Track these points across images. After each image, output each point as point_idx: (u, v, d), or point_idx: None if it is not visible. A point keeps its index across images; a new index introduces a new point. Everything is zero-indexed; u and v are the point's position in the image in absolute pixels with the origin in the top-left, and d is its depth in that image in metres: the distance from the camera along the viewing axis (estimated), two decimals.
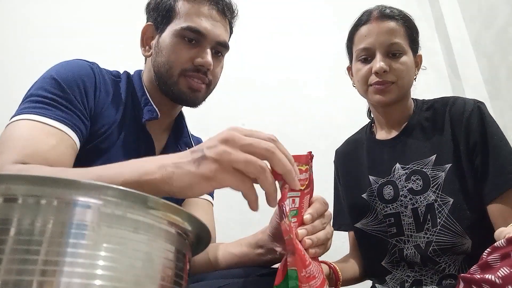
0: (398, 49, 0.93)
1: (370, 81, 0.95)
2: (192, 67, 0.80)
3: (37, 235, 0.25)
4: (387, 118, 1.01)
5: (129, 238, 0.28)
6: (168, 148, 0.87)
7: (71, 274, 0.25)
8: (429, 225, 0.87)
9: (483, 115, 0.88)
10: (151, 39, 0.86)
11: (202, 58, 0.80)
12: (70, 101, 0.69)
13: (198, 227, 0.33)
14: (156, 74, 0.83)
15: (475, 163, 0.86)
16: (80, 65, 0.77)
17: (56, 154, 0.63)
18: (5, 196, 0.26)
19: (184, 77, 0.80)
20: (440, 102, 0.97)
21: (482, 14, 1.95)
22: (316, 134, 1.83)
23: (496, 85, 1.87)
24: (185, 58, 0.80)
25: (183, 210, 0.31)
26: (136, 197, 0.29)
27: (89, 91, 0.74)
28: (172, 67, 0.80)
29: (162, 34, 0.82)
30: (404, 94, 0.96)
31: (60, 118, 0.67)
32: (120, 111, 0.80)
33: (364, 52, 0.96)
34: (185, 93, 0.80)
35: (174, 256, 0.32)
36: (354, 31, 1.01)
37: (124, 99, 0.82)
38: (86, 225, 0.27)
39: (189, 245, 0.35)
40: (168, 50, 0.81)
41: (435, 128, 0.94)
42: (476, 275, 0.51)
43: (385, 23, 0.95)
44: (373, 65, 0.94)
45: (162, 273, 0.30)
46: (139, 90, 0.85)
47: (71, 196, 0.27)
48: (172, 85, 0.80)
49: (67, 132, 0.67)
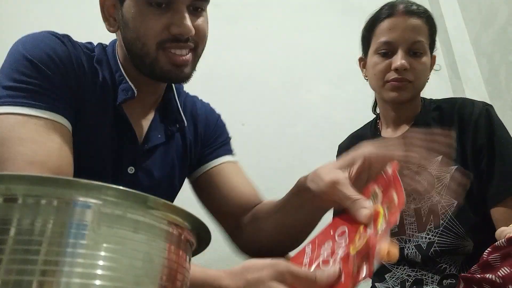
0: (420, 48, 0.92)
1: (388, 77, 0.93)
2: (170, 36, 0.67)
3: (37, 235, 0.25)
4: (395, 116, 1.00)
5: (129, 238, 0.28)
6: (153, 130, 0.79)
7: (71, 274, 0.25)
8: (431, 226, 0.87)
9: (492, 118, 0.88)
10: (113, 9, 0.72)
11: (178, 25, 0.67)
12: (51, 83, 0.64)
13: (198, 227, 0.33)
14: (129, 53, 0.72)
15: (480, 166, 0.85)
16: (52, 41, 0.68)
17: (60, 156, 0.62)
18: (5, 196, 0.26)
19: (163, 51, 0.68)
20: (448, 103, 0.96)
21: (482, 14, 1.95)
22: (316, 135, 1.83)
23: (496, 85, 1.87)
24: (157, 28, 0.67)
25: (183, 210, 0.31)
26: (136, 197, 0.29)
27: (65, 69, 0.67)
28: (145, 43, 0.68)
29: (124, 3, 0.69)
30: (417, 94, 0.96)
31: (49, 106, 0.62)
32: (95, 91, 0.71)
33: (385, 46, 0.93)
34: (169, 71, 0.69)
35: (174, 256, 0.32)
36: (376, 22, 0.97)
37: (100, 78, 0.72)
38: (86, 225, 0.27)
39: (189, 245, 0.35)
40: (135, 23, 0.68)
41: (442, 128, 0.94)
42: (476, 275, 0.51)
43: (412, 19, 0.92)
44: (393, 61, 0.91)
45: (162, 273, 0.30)
46: (113, 65, 0.74)
47: (71, 196, 0.27)
48: (151, 64, 0.69)
49: (60, 121, 0.64)
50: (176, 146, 0.84)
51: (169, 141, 0.82)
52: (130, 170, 0.76)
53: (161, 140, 0.80)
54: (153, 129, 0.79)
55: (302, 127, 1.86)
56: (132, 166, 0.76)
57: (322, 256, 0.50)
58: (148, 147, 0.78)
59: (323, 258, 0.50)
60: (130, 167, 0.76)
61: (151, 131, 0.79)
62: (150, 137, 0.79)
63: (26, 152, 0.59)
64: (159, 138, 0.80)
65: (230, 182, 0.84)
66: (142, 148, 0.77)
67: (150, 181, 0.79)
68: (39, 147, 0.60)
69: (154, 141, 0.79)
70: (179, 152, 0.84)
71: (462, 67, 1.99)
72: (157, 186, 0.80)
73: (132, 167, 0.76)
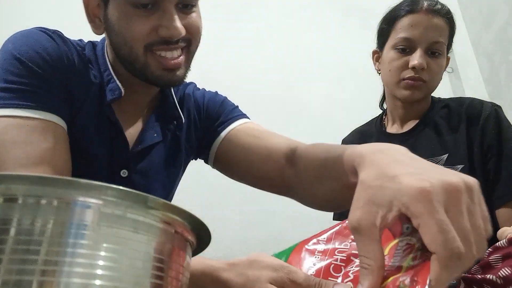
0: (440, 48, 0.91)
1: (403, 75, 0.92)
2: (158, 39, 0.64)
3: (37, 235, 0.25)
4: (404, 112, 0.99)
5: (129, 238, 0.28)
6: (149, 129, 0.77)
7: (71, 274, 0.25)
8: None
9: (501, 119, 0.88)
10: (97, 9, 0.69)
11: (167, 27, 0.63)
12: (42, 82, 0.63)
13: (198, 227, 0.33)
14: (118, 56, 0.70)
15: (487, 166, 0.85)
16: (42, 38, 0.66)
17: (54, 157, 0.61)
18: (5, 196, 0.26)
19: (152, 54, 0.65)
20: (456, 102, 0.96)
21: (482, 14, 1.96)
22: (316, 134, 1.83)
23: (496, 85, 1.87)
24: (144, 31, 0.63)
25: (183, 210, 0.31)
26: (136, 197, 0.29)
27: (56, 67, 0.65)
28: (133, 47, 0.65)
29: (109, 4, 0.65)
30: (429, 94, 0.95)
31: (42, 106, 0.61)
32: (85, 90, 0.69)
33: (405, 42, 0.92)
34: (161, 76, 0.66)
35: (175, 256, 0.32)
36: (397, 16, 0.95)
37: (90, 76, 0.70)
38: (86, 225, 0.27)
39: (189, 245, 0.35)
40: (120, 26, 0.64)
41: (449, 127, 0.93)
42: (477, 275, 0.51)
43: (435, 18, 0.90)
44: (411, 59, 0.90)
45: (163, 273, 0.30)
46: (102, 64, 0.72)
47: (71, 196, 0.27)
48: (141, 69, 0.66)
49: (55, 120, 0.62)
50: (175, 142, 0.82)
51: (167, 139, 0.81)
52: (123, 173, 0.74)
53: (157, 139, 0.78)
54: (148, 129, 0.77)
55: (302, 126, 1.86)
56: (125, 169, 0.74)
57: (335, 256, 0.46)
58: (141, 147, 0.76)
59: (334, 261, 0.46)
60: (123, 170, 0.74)
61: (147, 131, 0.77)
62: (144, 137, 0.77)
63: (19, 155, 0.58)
64: (155, 138, 0.78)
65: (251, 138, 0.78)
66: (134, 150, 0.76)
67: (145, 182, 0.77)
68: (32, 149, 0.58)
69: (149, 141, 0.77)
70: (179, 148, 0.83)
71: (462, 67, 1.99)
72: (154, 186, 0.79)
73: (125, 170, 0.74)
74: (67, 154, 0.64)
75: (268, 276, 0.45)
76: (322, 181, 0.61)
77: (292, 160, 0.71)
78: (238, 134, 0.80)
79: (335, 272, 0.45)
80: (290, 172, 0.71)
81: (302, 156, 0.68)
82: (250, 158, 0.76)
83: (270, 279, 0.45)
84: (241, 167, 0.80)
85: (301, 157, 0.68)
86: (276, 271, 0.46)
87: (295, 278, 0.44)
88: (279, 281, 0.45)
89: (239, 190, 1.68)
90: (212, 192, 1.69)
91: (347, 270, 0.44)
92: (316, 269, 0.47)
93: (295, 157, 0.70)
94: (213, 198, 1.68)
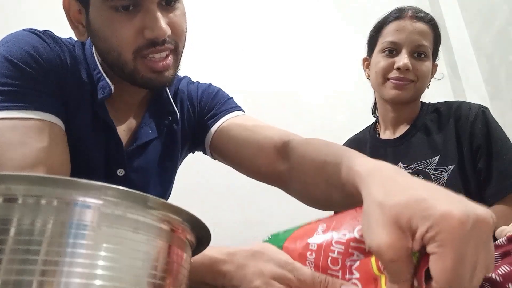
0: (424, 51, 0.95)
1: (389, 76, 0.95)
2: (145, 42, 0.62)
3: (37, 235, 0.25)
4: (395, 116, 1.01)
5: (129, 238, 0.28)
6: (144, 126, 0.77)
7: (71, 274, 0.25)
8: None
9: (488, 119, 0.90)
10: (78, 14, 0.67)
11: (152, 28, 0.61)
12: (36, 82, 0.62)
13: (198, 227, 0.33)
14: (105, 61, 0.68)
15: (478, 166, 0.87)
16: (33, 39, 0.65)
17: (51, 157, 0.60)
18: (5, 196, 0.26)
19: (142, 59, 0.64)
20: (445, 105, 0.99)
21: (482, 14, 1.95)
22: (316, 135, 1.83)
23: (496, 85, 1.87)
24: (131, 36, 0.61)
25: (183, 210, 0.31)
26: (136, 197, 0.29)
27: (49, 67, 0.64)
28: (121, 52, 0.63)
29: (89, 10, 0.63)
30: (417, 96, 0.98)
31: (37, 106, 0.61)
32: (77, 90, 0.68)
33: (391, 45, 0.96)
34: (150, 79, 0.65)
35: (174, 256, 0.32)
36: (384, 23, 1.01)
37: (81, 75, 0.70)
38: (86, 225, 0.27)
39: (189, 245, 0.35)
40: (105, 32, 0.62)
41: (439, 129, 0.96)
42: None
43: (419, 23, 0.96)
44: (396, 60, 0.94)
45: (162, 273, 0.30)
46: (91, 63, 0.71)
47: (71, 196, 0.27)
48: (131, 73, 0.65)
49: (51, 119, 0.62)
50: (170, 138, 0.82)
51: (162, 135, 0.80)
52: (119, 172, 0.74)
53: (152, 136, 0.78)
54: (143, 126, 0.77)
55: (302, 127, 1.86)
56: (121, 168, 0.74)
57: (333, 248, 0.44)
58: (136, 145, 0.76)
59: (332, 253, 0.44)
60: (119, 169, 0.74)
61: (142, 128, 0.77)
62: (139, 134, 0.77)
63: (15, 157, 0.57)
64: (150, 134, 0.78)
65: (243, 131, 0.77)
66: (130, 148, 0.75)
67: (143, 179, 0.77)
68: (29, 150, 0.58)
69: (144, 138, 0.77)
70: (175, 143, 0.82)
71: (462, 67, 1.99)
72: (151, 183, 0.78)
73: (122, 169, 0.74)
74: (64, 154, 0.64)
75: (272, 272, 0.44)
76: (318, 184, 0.61)
77: (285, 154, 0.70)
78: (229, 127, 0.79)
79: (333, 265, 0.43)
80: (283, 167, 0.70)
81: (296, 153, 0.68)
82: (241, 152, 0.76)
83: (273, 275, 0.44)
84: (234, 160, 0.79)
85: (295, 153, 0.68)
86: (280, 267, 0.44)
87: (300, 275, 0.43)
88: (283, 278, 0.43)
89: (239, 190, 1.69)
90: (212, 192, 1.69)
91: (349, 264, 0.42)
92: (314, 261, 0.45)
93: (288, 150, 0.70)
94: (213, 198, 1.68)
